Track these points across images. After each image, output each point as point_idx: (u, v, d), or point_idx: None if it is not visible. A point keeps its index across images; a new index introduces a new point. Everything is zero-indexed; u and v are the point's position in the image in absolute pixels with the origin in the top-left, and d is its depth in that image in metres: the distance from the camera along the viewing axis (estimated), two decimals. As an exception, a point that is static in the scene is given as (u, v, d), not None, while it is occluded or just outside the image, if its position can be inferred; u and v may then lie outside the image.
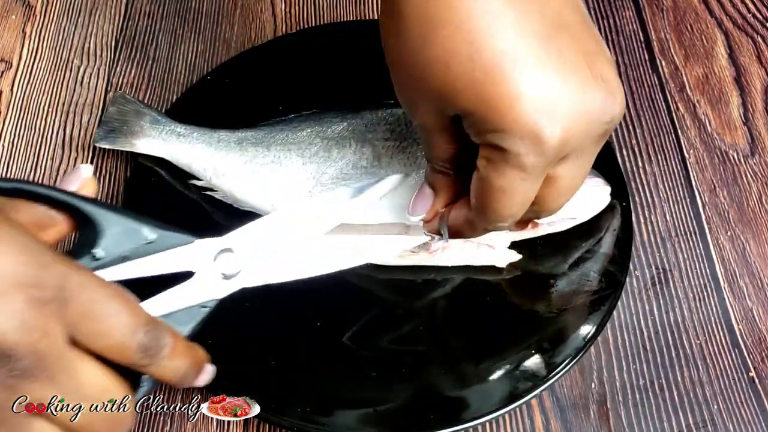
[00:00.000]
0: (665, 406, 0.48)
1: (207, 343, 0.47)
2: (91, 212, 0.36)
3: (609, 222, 0.52)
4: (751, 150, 0.59)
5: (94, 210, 0.36)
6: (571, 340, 0.47)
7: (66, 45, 0.64)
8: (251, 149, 0.53)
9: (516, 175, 0.35)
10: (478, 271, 0.51)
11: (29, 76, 0.62)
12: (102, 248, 0.36)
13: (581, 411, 0.48)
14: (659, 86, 0.63)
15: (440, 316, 0.49)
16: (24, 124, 0.60)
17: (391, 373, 0.47)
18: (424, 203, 0.42)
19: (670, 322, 0.51)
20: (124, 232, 0.36)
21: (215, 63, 0.64)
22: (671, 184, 0.58)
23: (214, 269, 0.39)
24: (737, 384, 0.49)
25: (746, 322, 0.52)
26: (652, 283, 0.53)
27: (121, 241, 0.36)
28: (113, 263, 0.36)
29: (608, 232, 0.52)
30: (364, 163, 0.52)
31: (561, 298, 0.49)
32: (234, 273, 0.39)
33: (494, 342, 0.48)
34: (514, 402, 0.45)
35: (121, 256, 0.36)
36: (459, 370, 0.47)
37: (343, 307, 0.50)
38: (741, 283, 0.53)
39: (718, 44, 0.65)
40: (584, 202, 0.50)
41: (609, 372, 0.49)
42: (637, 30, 0.66)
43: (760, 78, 0.63)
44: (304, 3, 0.68)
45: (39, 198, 0.35)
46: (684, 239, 0.55)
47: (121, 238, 0.36)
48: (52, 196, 0.35)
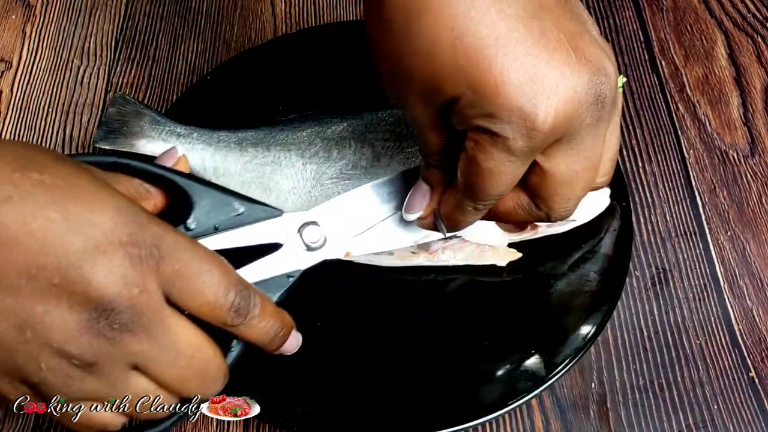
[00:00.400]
0: (665, 406, 0.48)
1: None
2: (183, 185, 0.39)
3: (609, 222, 0.52)
4: (751, 150, 0.59)
5: (186, 183, 0.39)
6: (571, 340, 0.47)
7: (66, 45, 0.64)
8: (251, 149, 0.53)
9: (504, 158, 0.34)
10: (478, 272, 0.51)
11: (29, 76, 0.62)
12: (194, 219, 0.39)
13: (581, 411, 0.48)
14: (659, 86, 0.63)
15: (440, 317, 0.49)
16: (24, 124, 0.60)
17: (391, 374, 0.47)
18: (421, 200, 0.42)
19: (670, 322, 0.51)
20: (214, 205, 0.39)
21: (215, 63, 0.64)
22: (671, 184, 0.58)
23: (299, 241, 0.41)
24: (737, 384, 0.49)
25: (746, 322, 0.52)
26: (652, 283, 0.53)
27: (211, 213, 0.39)
28: (205, 234, 0.39)
29: (608, 232, 0.52)
30: (364, 163, 0.52)
31: (561, 298, 0.50)
32: (318, 245, 0.42)
33: (494, 342, 0.48)
34: (514, 402, 0.45)
35: (212, 227, 0.39)
36: (459, 370, 0.47)
37: (343, 308, 0.50)
38: (741, 283, 0.53)
39: (718, 44, 0.65)
40: (583, 205, 0.50)
41: (609, 372, 0.49)
42: (637, 30, 0.66)
43: (760, 78, 0.63)
44: (304, 3, 0.68)
45: (136, 172, 0.38)
46: (684, 239, 0.55)
47: (211, 210, 0.39)
48: (148, 170, 0.38)
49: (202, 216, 0.39)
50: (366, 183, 0.45)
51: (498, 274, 0.51)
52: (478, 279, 0.51)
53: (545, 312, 0.49)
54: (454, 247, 0.50)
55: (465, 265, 0.50)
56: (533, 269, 0.51)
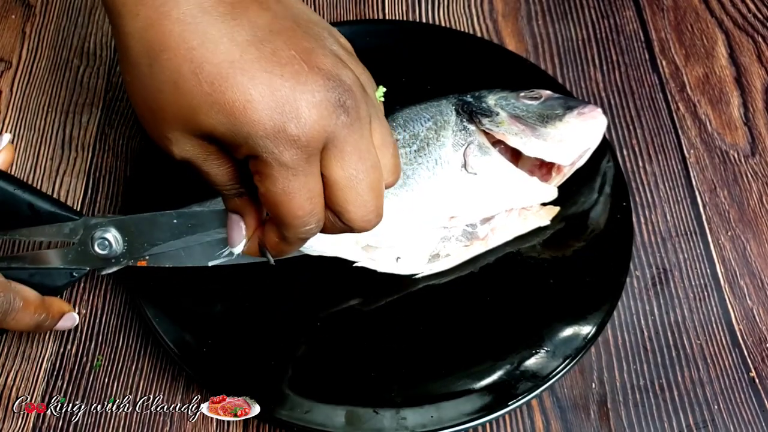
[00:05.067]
0: (665, 406, 0.48)
1: (207, 343, 0.47)
2: None
3: (609, 220, 0.52)
4: (751, 150, 0.59)
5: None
6: (571, 340, 0.47)
7: (66, 45, 0.64)
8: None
9: (286, 174, 0.36)
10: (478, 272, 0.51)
11: (29, 76, 0.62)
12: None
13: (581, 411, 0.48)
14: (659, 86, 0.63)
15: (440, 317, 0.49)
16: (24, 124, 0.60)
17: (391, 374, 0.47)
18: (238, 231, 0.42)
19: (670, 322, 0.51)
20: (8, 201, 0.43)
21: (215, 63, 0.63)
22: (671, 184, 0.57)
23: (90, 244, 0.45)
24: (737, 384, 0.49)
25: (746, 322, 0.52)
26: (653, 283, 0.53)
27: (5, 208, 0.43)
28: None
29: (608, 232, 0.52)
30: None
31: (561, 298, 0.50)
32: (106, 251, 0.45)
33: (495, 342, 0.48)
34: (514, 402, 0.45)
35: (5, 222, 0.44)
36: (459, 370, 0.47)
37: (343, 308, 0.50)
38: (741, 283, 0.53)
39: (719, 44, 0.65)
40: (584, 133, 0.52)
41: (609, 372, 0.49)
42: (637, 30, 0.66)
43: (760, 78, 0.63)
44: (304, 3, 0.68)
45: None
46: (684, 239, 0.55)
47: (5, 206, 0.43)
48: None
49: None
50: None
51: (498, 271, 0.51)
52: (477, 279, 0.51)
53: (545, 312, 0.49)
54: (500, 225, 0.51)
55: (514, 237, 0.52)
56: (533, 269, 0.51)
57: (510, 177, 0.51)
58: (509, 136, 0.51)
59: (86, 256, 0.45)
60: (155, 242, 0.45)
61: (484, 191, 0.51)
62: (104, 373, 0.49)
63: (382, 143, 0.39)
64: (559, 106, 0.53)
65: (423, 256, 0.50)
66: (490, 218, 0.51)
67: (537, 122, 0.52)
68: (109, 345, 0.50)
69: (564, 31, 0.66)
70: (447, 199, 0.50)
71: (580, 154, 0.52)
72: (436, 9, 0.67)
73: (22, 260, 0.45)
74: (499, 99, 0.53)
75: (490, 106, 0.53)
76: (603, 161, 0.55)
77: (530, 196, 0.52)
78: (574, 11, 0.67)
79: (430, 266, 0.51)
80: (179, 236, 0.45)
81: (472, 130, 0.51)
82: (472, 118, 0.52)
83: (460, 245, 0.51)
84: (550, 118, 0.52)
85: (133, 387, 0.48)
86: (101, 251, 0.45)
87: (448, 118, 0.52)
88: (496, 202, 0.51)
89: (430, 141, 0.51)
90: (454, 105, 0.53)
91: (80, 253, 0.45)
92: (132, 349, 0.50)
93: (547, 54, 0.64)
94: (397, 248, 0.50)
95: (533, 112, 0.52)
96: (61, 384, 0.48)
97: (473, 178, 0.51)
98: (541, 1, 0.68)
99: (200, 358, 0.46)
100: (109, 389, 0.48)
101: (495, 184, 0.51)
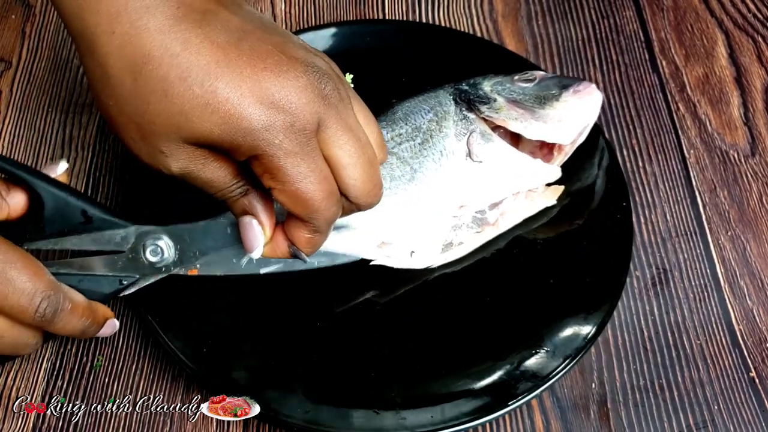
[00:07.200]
0: (665, 406, 0.48)
1: (207, 343, 0.47)
2: (36, 187, 0.42)
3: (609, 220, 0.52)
4: (751, 150, 0.59)
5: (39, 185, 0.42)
6: (571, 340, 0.47)
7: (66, 45, 0.64)
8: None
9: (294, 161, 0.37)
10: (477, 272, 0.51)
11: (29, 76, 0.62)
12: (47, 221, 0.43)
13: (581, 411, 0.48)
14: (659, 86, 0.63)
15: (440, 317, 0.49)
16: (24, 124, 0.60)
17: (391, 374, 0.47)
18: (254, 234, 0.41)
19: (670, 322, 0.51)
20: (62, 208, 0.43)
21: (215, 63, 0.63)
22: (671, 184, 0.58)
23: (141, 252, 0.45)
24: (737, 384, 0.49)
25: (746, 322, 0.52)
26: (653, 283, 0.53)
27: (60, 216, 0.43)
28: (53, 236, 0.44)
29: (608, 231, 0.52)
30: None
31: (561, 298, 0.50)
32: (158, 259, 0.45)
33: (495, 342, 0.48)
34: (514, 402, 0.45)
35: (61, 230, 0.43)
36: (459, 370, 0.47)
37: (343, 308, 0.50)
38: (741, 283, 0.53)
39: (719, 44, 0.65)
40: (582, 110, 0.53)
41: (609, 372, 0.49)
42: (637, 30, 0.66)
43: (760, 78, 0.63)
44: (304, 3, 0.68)
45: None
46: (684, 239, 0.55)
47: (59, 213, 0.43)
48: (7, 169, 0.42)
49: (53, 218, 0.43)
50: None
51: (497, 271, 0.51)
52: (477, 279, 0.51)
53: (545, 312, 0.49)
54: (508, 208, 0.52)
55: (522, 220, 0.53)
56: (533, 269, 0.51)
57: (515, 161, 0.52)
58: (509, 121, 0.52)
59: (137, 264, 0.45)
60: (207, 251, 0.45)
61: (491, 178, 0.51)
62: (104, 373, 0.49)
63: (366, 122, 0.40)
64: (555, 86, 0.54)
65: (436, 247, 0.50)
66: (498, 203, 0.52)
67: (535, 104, 0.52)
68: (109, 345, 0.50)
69: (564, 31, 0.66)
70: (455, 189, 0.51)
71: (580, 131, 0.53)
72: (436, 9, 0.67)
73: (71, 266, 0.44)
74: (495, 84, 0.54)
75: (486, 93, 0.53)
76: (603, 161, 0.55)
77: (535, 178, 0.53)
78: (574, 11, 0.67)
79: (444, 256, 0.51)
80: (232, 244, 0.45)
81: (473, 118, 0.52)
82: (470, 106, 0.52)
83: (472, 232, 0.51)
84: (547, 99, 0.53)
85: (133, 387, 0.48)
86: (153, 258, 0.45)
87: (447, 109, 0.52)
88: (503, 187, 0.52)
89: (433, 133, 0.52)
90: (451, 94, 0.53)
91: (131, 261, 0.45)
92: (132, 350, 0.50)
93: (547, 54, 0.64)
94: (410, 242, 0.50)
95: (530, 94, 0.53)
96: (61, 384, 0.48)
97: (479, 166, 0.51)
98: (541, 1, 0.68)
99: (200, 358, 0.46)
100: (109, 389, 0.48)
101: (500, 169, 0.51)
